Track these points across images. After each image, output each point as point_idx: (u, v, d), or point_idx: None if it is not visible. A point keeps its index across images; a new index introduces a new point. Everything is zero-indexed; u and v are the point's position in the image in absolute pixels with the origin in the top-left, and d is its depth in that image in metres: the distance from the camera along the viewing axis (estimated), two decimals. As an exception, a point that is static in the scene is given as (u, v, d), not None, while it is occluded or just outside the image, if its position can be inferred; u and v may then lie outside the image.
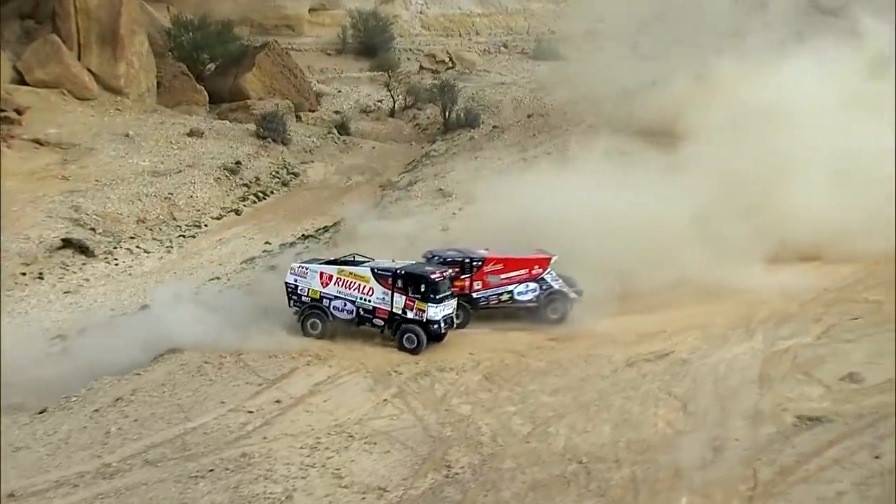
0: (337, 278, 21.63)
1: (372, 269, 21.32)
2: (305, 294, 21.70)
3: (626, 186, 25.59)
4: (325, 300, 21.43)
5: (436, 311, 20.61)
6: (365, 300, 21.33)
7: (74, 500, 13.47)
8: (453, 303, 21.45)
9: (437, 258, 22.27)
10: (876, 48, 35.04)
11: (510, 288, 22.88)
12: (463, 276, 22.50)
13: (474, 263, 22.66)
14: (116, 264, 27.31)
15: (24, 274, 25.59)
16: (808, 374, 19.51)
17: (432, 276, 20.84)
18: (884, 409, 17.26)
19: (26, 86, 36.94)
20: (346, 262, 22.11)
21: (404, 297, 20.82)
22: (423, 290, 20.45)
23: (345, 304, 21.50)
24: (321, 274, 21.54)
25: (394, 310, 21.02)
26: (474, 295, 22.59)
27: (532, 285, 22.79)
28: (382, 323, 21.15)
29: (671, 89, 34.98)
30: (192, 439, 16.33)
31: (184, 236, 29.61)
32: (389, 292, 21.06)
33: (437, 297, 20.70)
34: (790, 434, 16.67)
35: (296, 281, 21.88)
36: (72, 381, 18.34)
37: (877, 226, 25.21)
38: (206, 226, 30.71)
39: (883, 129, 29.01)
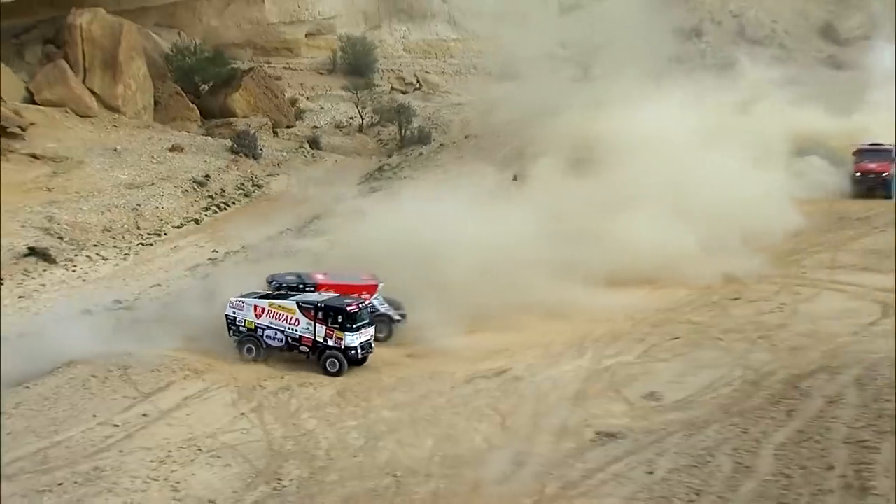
0: (268, 311, 23.25)
1: (297, 303, 23.07)
2: (242, 325, 23.27)
3: (496, 214, 28.40)
4: (258, 330, 23.01)
5: (353, 339, 22.14)
6: (292, 330, 23.02)
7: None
8: (371, 330, 22.89)
9: (275, 283, 24.59)
10: (753, 84, 37.47)
11: None
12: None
13: (307, 288, 24.81)
14: (74, 270, 29.40)
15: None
16: (617, 392, 20.57)
17: (349, 308, 22.45)
18: (673, 427, 18.35)
19: (35, 105, 41.50)
20: (276, 297, 23.97)
21: (325, 327, 22.48)
22: (340, 320, 22.10)
23: (275, 334, 23.12)
24: (255, 307, 23.15)
25: (316, 338, 22.61)
26: None
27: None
28: (308, 350, 22.72)
29: (562, 118, 37.74)
30: (53, 453, 16.83)
31: (142, 244, 32.21)
32: (313, 323, 22.73)
33: (354, 326, 22.25)
34: (586, 449, 17.51)
35: (234, 313, 23.41)
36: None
37: (710, 253, 27.75)
38: (165, 234, 33.31)
39: (733, 161, 31.68)
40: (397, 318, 25.00)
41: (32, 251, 31.35)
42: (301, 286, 24.86)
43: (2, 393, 19.12)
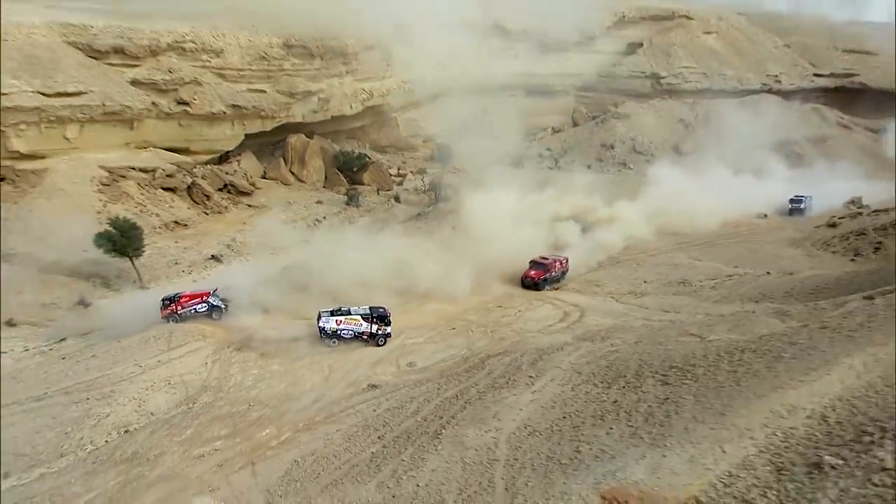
0: (344, 321, 35.06)
1: (360, 315, 34.84)
2: (328, 329, 34.78)
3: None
4: (338, 331, 34.79)
5: (389, 329, 35.03)
6: (358, 328, 35.09)
7: None
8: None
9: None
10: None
11: (195, 306, 37.95)
12: (170, 304, 37.33)
13: (176, 297, 37.50)
14: (230, 265, 60.00)
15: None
16: (396, 361, 32.59)
17: (386, 314, 34.83)
18: (408, 383, 29.40)
19: (265, 178, 75.23)
20: (340, 313, 35.13)
21: (376, 325, 34.91)
22: (383, 320, 34.89)
23: (348, 332, 35.03)
24: (335, 320, 34.83)
25: (371, 331, 35.01)
26: (180, 311, 37.33)
27: (203, 304, 38.04)
28: (367, 337, 34.82)
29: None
30: (99, 381, 27.93)
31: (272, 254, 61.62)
32: (369, 323, 34.94)
33: (388, 322, 34.90)
34: (356, 394, 29.31)
35: (322, 324, 34.72)
36: None
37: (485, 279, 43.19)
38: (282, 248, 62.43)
39: (519, 227, 48.86)
40: (223, 307, 38.45)
41: (213, 257, 51.90)
42: (173, 295, 38.02)
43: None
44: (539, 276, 44.36)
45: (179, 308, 37.52)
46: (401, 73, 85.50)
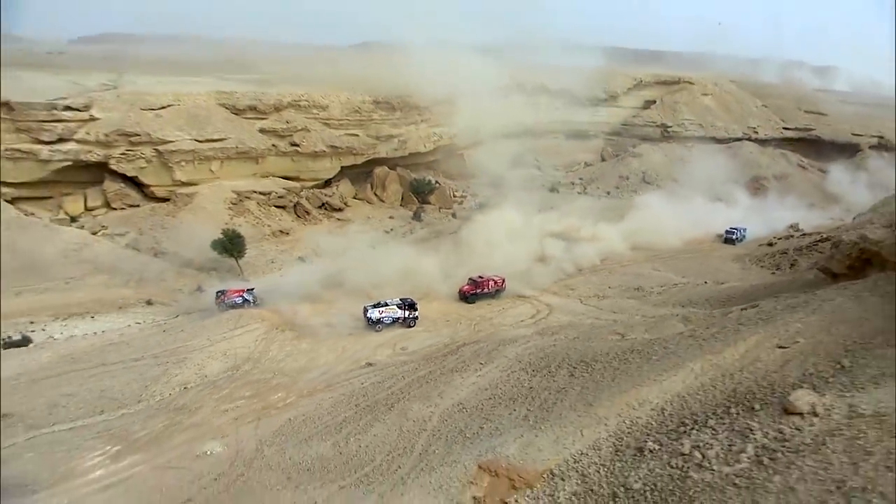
0: (385, 310, 35.76)
1: (395, 304, 35.77)
2: (374, 318, 35.28)
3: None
4: (382, 319, 35.30)
5: (418, 313, 35.91)
6: (395, 314, 35.61)
7: None
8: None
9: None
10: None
11: (235, 298, 38.98)
12: (221, 295, 39.01)
13: (224, 291, 39.53)
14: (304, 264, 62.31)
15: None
16: (393, 346, 34.68)
17: (415, 302, 36.13)
18: (395, 363, 33.26)
19: (355, 199, 76.86)
20: (383, 305, 35.73)
21: (408, 311, 35.88)
22: (414, 307, 36.03)
23: (389, 318, 35.67)
24: (378, 311, 35.51)
25: (405, 316, 35.64)
26: (226, 301, 38.94)
27: (240, 298, 38.97)
28: (402, 321, 35.41)
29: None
30: (180, 351, 31.99)
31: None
32: (404, 310, 35.82)
33: (416, 308, 35.93)
34: (353, 370, 33.88)
35: (368, 314, 35.37)
36: None
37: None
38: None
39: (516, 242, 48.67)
40: (251, 300, 39.60)
41: (300, 258, 52.58)
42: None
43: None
44: (469, 291, 41.57)
45: (226, 299, 38.82)
46: (466, 121, 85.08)
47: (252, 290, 40.21)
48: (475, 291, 41.46)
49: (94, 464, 22.95)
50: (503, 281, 42.82)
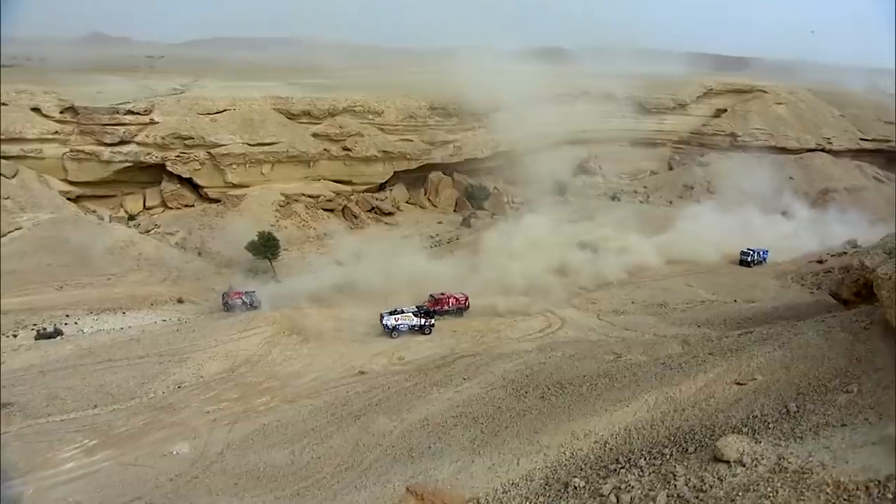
0: (401, 318, 35.76)
1: (412, 312, 35.97)
2: (390, 325, 35.23)
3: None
4: (398, 326, 35.39)
5: (434, 321, 36.01)
6: (412, 321, 35.77)
7: None
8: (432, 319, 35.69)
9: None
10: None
11: (237, 300, 40.08)
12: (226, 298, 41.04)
13: (228, 293, 42.03)
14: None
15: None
16: (391, 356, 32.83)
17: (431, 310, 36.71)
18: (390, 372, 33.16)
19: (408, 203, 76.88)
20: (399, 312, 35.70)
21: (425, 319, 35.80)
22: (431, 314, 36.23)
23: (405, 326, 35.64)
24: (394, 318, 35.48)
25: (422, 323, 35.74)
26: (229, 302, 40.53)
27: (241, 300, 39.98)
28: (419, 329, 35.38)
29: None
30: (186, 350, 36.81)
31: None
32: (420, 318, 35.89)
33: (434, 316, 36.32)
34: (344, 377, 34.73)
35: (385, 321, 35.23)
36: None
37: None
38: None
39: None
40: (257, 303, 40.74)
41: (337, 262, 53.63)
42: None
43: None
44: (430, 307, 39.32)
45: (230, 300, 39.48)
46: (529, 127, 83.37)
47: (253, 292, 40.66)
48: (434, 308, 39.40)
49: (67, 456, 24.01)
50: (466, 299, 40.88)
